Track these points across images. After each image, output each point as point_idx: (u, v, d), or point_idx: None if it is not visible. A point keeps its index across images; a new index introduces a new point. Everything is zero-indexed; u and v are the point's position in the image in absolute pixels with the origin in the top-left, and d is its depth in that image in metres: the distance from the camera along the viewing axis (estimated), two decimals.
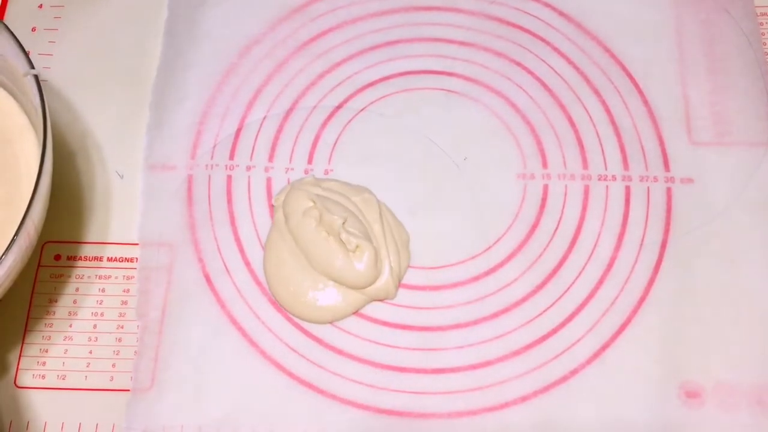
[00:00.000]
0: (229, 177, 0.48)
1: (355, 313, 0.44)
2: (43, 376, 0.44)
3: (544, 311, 0.44)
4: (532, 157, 0.48)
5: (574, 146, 0.48)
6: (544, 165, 0.47)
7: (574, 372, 0.43)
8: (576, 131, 0.48)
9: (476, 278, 0.45)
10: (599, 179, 0.47)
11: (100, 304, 0.45)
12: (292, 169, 0.48)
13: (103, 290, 0.46)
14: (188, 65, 0.50)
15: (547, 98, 0.49)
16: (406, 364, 0.43)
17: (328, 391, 0.43)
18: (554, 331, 0.44)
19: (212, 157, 0.48)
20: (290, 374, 0.43)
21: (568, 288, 0.44)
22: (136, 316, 0.45)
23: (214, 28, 0.51)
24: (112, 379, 0.44)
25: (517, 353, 0.43)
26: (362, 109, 0.49)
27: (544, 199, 0.47)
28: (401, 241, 0.45)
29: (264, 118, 0.49)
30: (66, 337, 0.45)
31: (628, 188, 0.47)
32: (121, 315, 0.45)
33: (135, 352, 0.44)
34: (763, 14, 0.51)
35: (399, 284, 0.45)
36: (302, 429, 0.42)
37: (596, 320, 0.44)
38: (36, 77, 0.41)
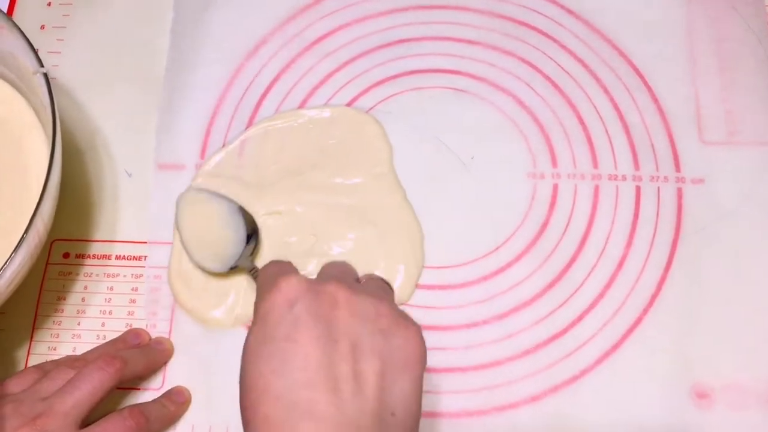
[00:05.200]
0: None
1: None
2: None
3: (554, 311, 0.44)
4: (542, 156, 0.47)
5: (584, 145, 0.48)
6: (554, 164, 0.47)
7: (584, 372, 0.42)
8: (585, 130, 0.48)
9: (485, 278, 0.45)
10: (609, 179, 0.47)
11: (109, 302, 0.45)
12: None
13: (112, 288, 0.46)
14: (196, 66, 0.50)
15: (557, 97, 0.49)
16: None
17: None
18: (564, 330, 0.43)
19: None
20: None
21: (578, 288, 0.44)
22: (146, 315, 0.45)
23: (220, 29, 0.51)
24: None
25: (527, 353, 0.43)
26: (370, 108, 0.49)
27: (553, 199, 0.46)
28: (416, 239, 0.45)
29: None
30: (74, 335, 0.45)
31: (638, 188, 0.46)
32: (129, 313, 0.45)
33: None
34: None
35: (415, 286, 0.45)
36: None
37: (606, 320, 0.43)
38: (45, 75, 0.41)
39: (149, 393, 0.43)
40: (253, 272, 0.43)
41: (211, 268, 0.44)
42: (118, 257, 0.46)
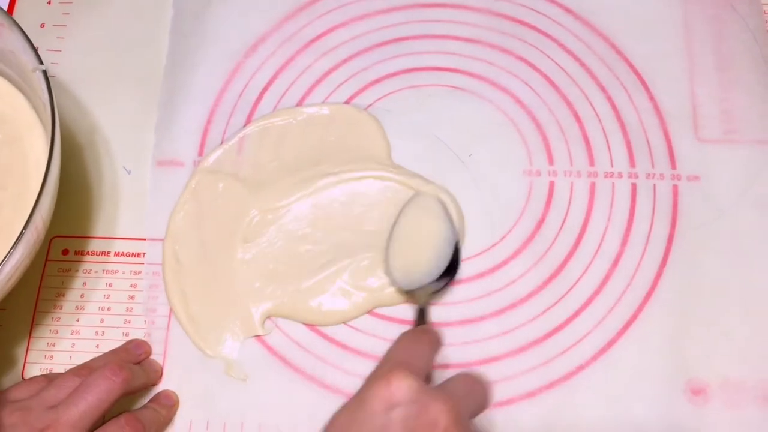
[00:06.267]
0: None
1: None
2: (51, 370, 0.44)
3: (550, 307, 0.44)
4: (538, 154, 0.48)
5: (581, 143, 0.48)
6: (551, 162, 0.47)
7: (580, 368, 0.43)
8: (582, 128, 0.48)
9: (482, 274, 0.45)
10: (605, 176, 0.47)
11: (107, 298, 0.46)
12: None
13: (111, 285, 0.46)
14: (195, 64, 0.51)
15: (553, 95, 0.49)
16: None
17: (334, 386, 0.43)
18: (560, 327, 0.44)
19: None
20: (296, 369, 0.43)
21: (574, 284, 0.44)
22: (144, 311, 0.45)
23: (220, 27, 0.52)
24: None
25: (523, 349, 0.43)
26: (368, 106, 0.49)
27: (550, 196, 0.47)
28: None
29: None
30: (73, 332, 0.45)
31: (634, 185, 0.47)
32: (128, 310, 0.45)
33: None
34: None
35: None
36: (307, 423, 0.42)
37: (602, 316, 0.44)
38: (44, 73, 0.41)
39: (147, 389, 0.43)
40: (420, 314, 0.42)
41: (395, 277, 0.43)
42: (117, 254, 0.47)
